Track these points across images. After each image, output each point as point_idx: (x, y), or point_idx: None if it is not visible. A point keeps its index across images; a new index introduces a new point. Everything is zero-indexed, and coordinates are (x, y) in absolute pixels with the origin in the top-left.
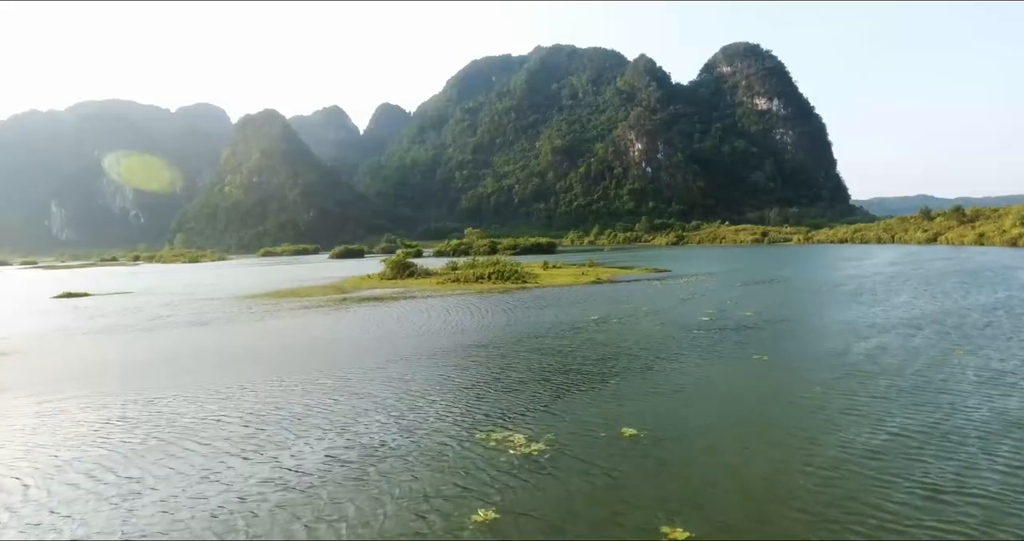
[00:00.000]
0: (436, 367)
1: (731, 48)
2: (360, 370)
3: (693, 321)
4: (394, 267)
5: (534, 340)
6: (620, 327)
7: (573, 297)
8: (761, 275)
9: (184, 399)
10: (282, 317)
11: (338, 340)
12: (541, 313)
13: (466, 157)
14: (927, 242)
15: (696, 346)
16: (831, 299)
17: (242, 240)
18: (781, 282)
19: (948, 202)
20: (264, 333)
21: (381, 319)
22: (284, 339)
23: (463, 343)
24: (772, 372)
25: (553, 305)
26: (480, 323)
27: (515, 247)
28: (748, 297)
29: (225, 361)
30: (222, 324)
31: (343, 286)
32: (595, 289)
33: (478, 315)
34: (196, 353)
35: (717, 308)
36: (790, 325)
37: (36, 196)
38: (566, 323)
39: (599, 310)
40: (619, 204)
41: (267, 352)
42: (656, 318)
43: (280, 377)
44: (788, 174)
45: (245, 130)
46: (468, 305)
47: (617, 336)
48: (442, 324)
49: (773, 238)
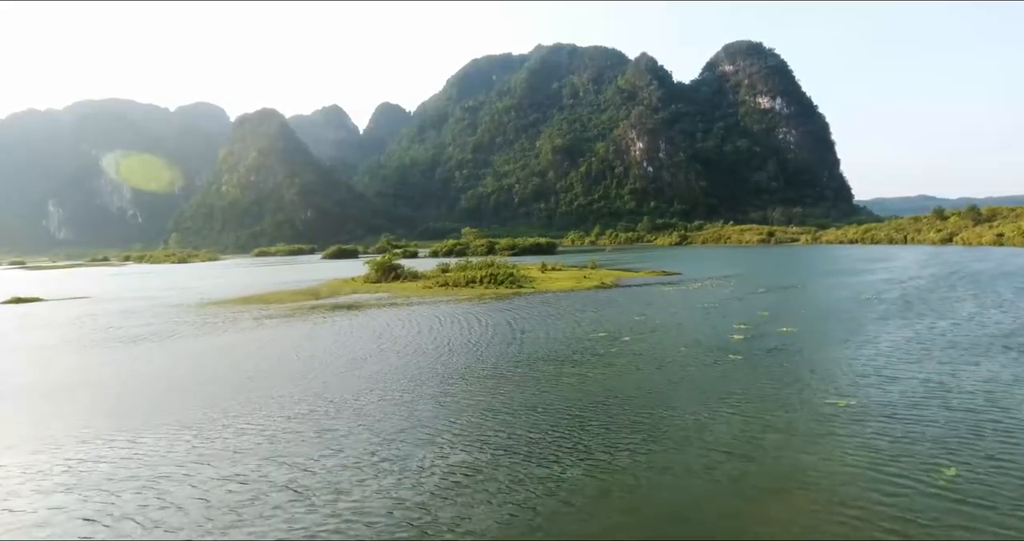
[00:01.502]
0: (366, 429)
1: (733, 46)
2: (234, 423)
3: (725, 341)
4: (379, 270)
5: (518, 375)
6: (635, 350)
7: (575, 305)
8: (781, 279)
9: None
10: (232, 330)
11: (259, 369)
12: (535, 328)
13: (466, 156)
14: (942, 242)
15: (741, 383)
16: (882, 310)
17: (239, 240)
18: (809, 288)
19: (950, 202)
20: (192, 354)
21: (338, 334)
22: (202, 364)
23: (417, 377)
24: (882, 438)
25: (551, 316)
26: (455, 342)
27: (513, 247)
28: (780, 307)
29: (107, 397)
30: (161, 340)
31: (319, 291)
32: (599, 295)
33: (456, 330)
34: (89, 382)
35: (749, 322)
36: (853, 349)
37: (34, 196)
38: (565, 344)
39: (606, 323)
40: (620, 204)
41: (167, 382)
42: (678, 335)
43: (114, 431)
44: (791, 174)
45: (243, 129)
46: (450, 316)
47: (633, 367)
48: (405, 344)
49: (779, 238)
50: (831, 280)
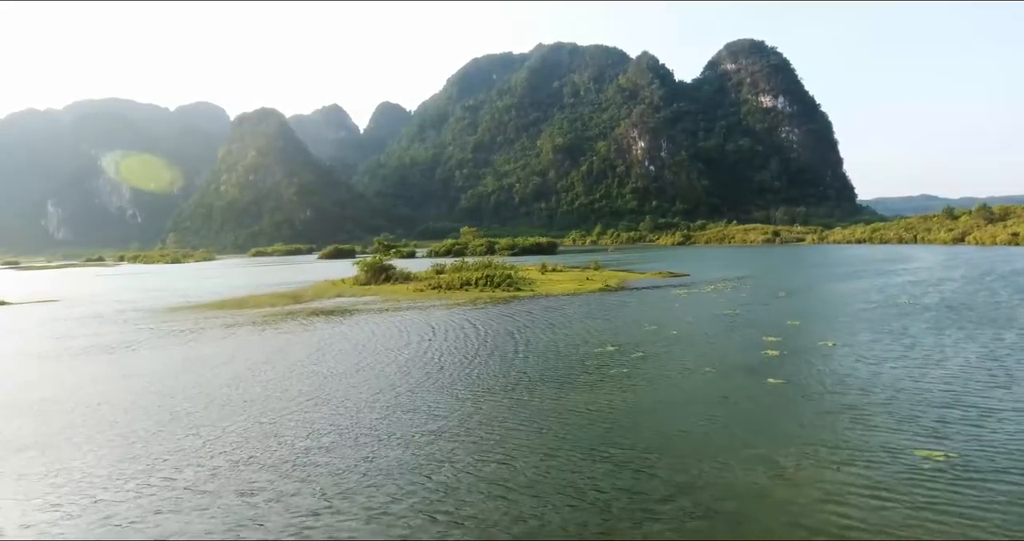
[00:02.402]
0: (301, 497)
1: (735, 45)
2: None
3: (758, 359)
4: (368, 271)
5: (513, 410)
6: (652, 372)
7: (578, 311)
8: (799, 281)
9: None
10: (193, 341)
11: (196, 399)
12: (534, 340)
13: (466, 156)
14: (953, 242)
15: (795, 423)
16: (929, 318)
17: (237, 240)
18: (833, 291)
19: (951, 202)
20: (128, 373)
21: (308, 347)
22: (132, 388)
23: (388, 414)
24: (1013, 510)
25: (552, 324)
26: (439, 359)
27: (513, 247)
28: (809, 314)
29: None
30: (106, 352)
31: (303, 294)
32: (604, 300)
33: (443, 344)
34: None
35: (779, 333)
36: (917, 370)
37: (33, 196)
38: (568, 361)
39: (614, 333)
40: (621, 203)
41: (69, 416)
42: (701, 351)
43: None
44: (794, 173)
45: (241, 128)
46: (438, 324)
47: (653, 398)
48: (380, 362)
49: (785, 238)
50: (854, 282)
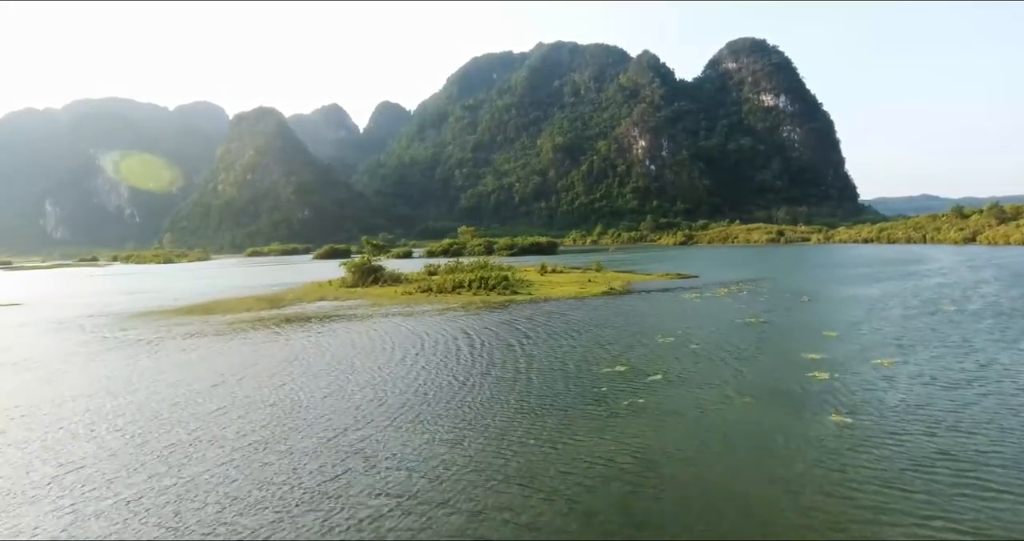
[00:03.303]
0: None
1: (737, 44)
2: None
3: (804, 385)
4: (356, 272)
5: (493, 458)
6: (676, 404)
7: (580, 318)
8: (817, 283)
9: None
10: (144, 354)
11: (109, 439)
12: (528, 355)
13: (466, 155)
14: (964, 242)
15: (884, 484)
16: (987, 327)
17: (235, 239)
18: (862, 295)
19: (952, 202)
20: (40, 400)
21: (271, 364)
22: (33, 422)
23: (352, 466)
24: None
25: (549, 335)
26: (409, 383)
27: (512, 247)
28: (845, 323)
29: None
30: (34, 368)
31: (283, 297)
32: (610, 305)
33: (421, 361)
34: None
35: (818, 347)
36: (1012, 399)
37: (32, 195)
38: (570, 385)
39: (623, 347)
40: (622, 203)
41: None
42: (730, 371)
43: None
44: (795, 172)
45: (240, 127)
46: (421, 334)
47: (683, 442)
48: (342, 382)
49: (789, 238)
50: (880, 285)
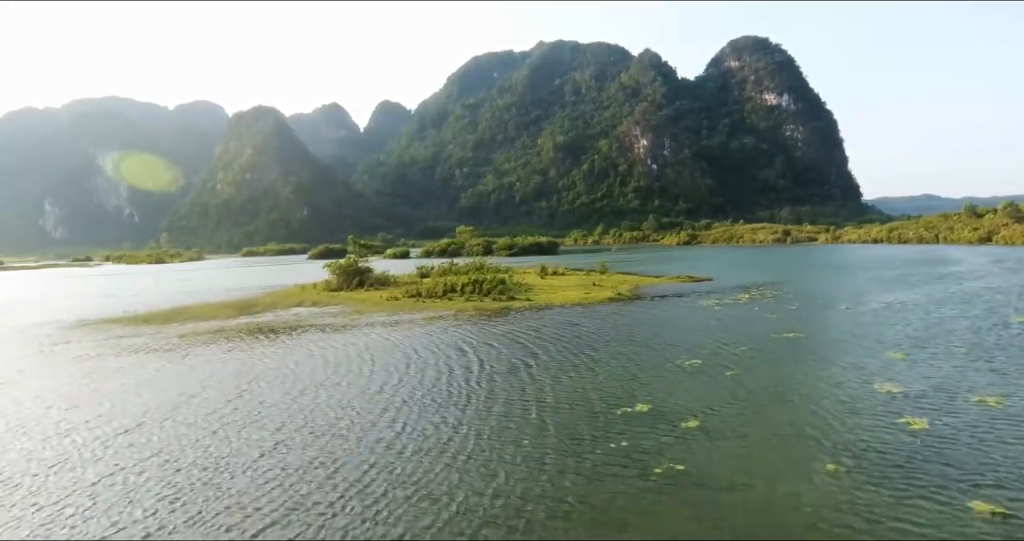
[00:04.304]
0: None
1: (739, 42)
2: None
3: (901, 436)
4: (341, 275)
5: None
6: (726, 468)
7: (586, 332)
8: (848, 288)
9: None
10: (64, 376)
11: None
12: (518, 387)
13: (466, 154)
14: (979, 241)
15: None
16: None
17: (233, 239)
18: (906, 302)
19: (954, 201)
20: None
21: (196, 398)
22: None
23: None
24: None
25: (550, 356)
26: (365, 434)
27: (512, 247)
28: (908, 340)
29: None
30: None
31: (257, 303)
32: (619, 313)
33: (390, 393)
34: None
35: (892, 375)
36: None
37: (31, 194)
38: (569, 439)
39: (641, 375)
40: (623, 202)
41: None
42: (790, 415)
43: None
44: (798, 171)
45: (238, 126)
46: (401, 352)
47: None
48: (290, 429)
49: (796, 237)
50: (919, 289)
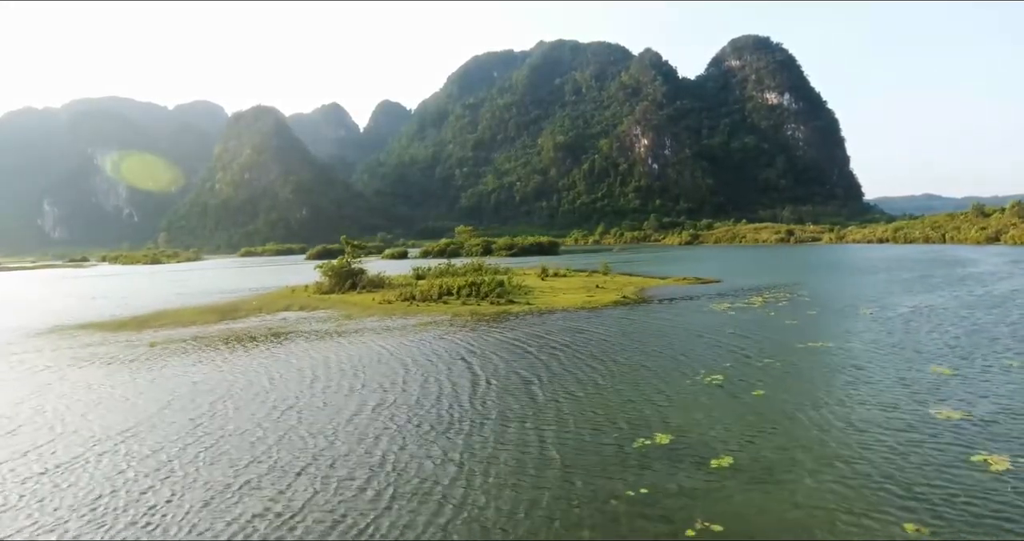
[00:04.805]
0: None
1: (740, 41)
2: None
3: (983, 483)
4: (333, 276)
5: None
6: (773, 528)
7: (590, 340)
8: (866, 290)
9: None
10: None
11: None
12: (521, 408)
13: (466, 154)
14: (987, 241)
15: None
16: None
17: (231, 239)
18: (935, 307)
19: (955, 201)
20: None
21: (143, 427)
22: None
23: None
24: None
25: (552, 372)
26: (338, 479)
27: (512, 247)
28: (951, 348)
29: None
30: None
31: (242, 306)
32: (626, 319)
33: (369, 416)
34: None
35: (945, 395)
36: None
37: (30, 194)
38: (579, 485)
39: (657, 396)
40: (624, 202)
41: None
42: (835, 449)
43: None
44: (800, 171)
45: (238, 126)
46: (390, 366)
47: None
48: (249, 471)
49: (800, 237)
50: (942, 292)
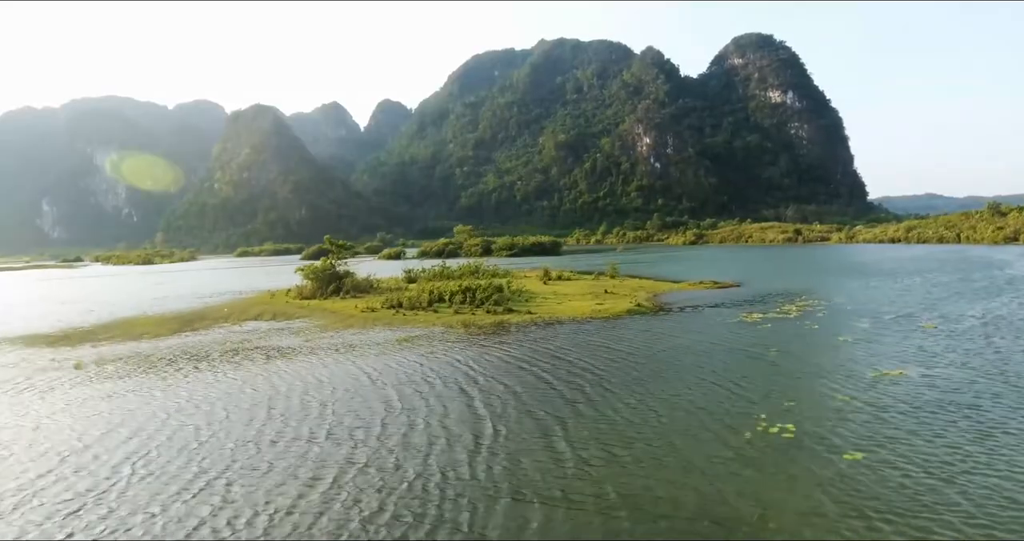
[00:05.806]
0: None
1: (743, 39)
2: None
3: None
4: (316, 280)
5: None
6: None
7: (612, 361)
8: (907, 296)
9: None
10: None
11: None
12: (516, 475)
13: (467, 153)
14: (1005, 241)
15: None
16: None
17: (230, 239)
18: (995, 314)
19: (956, 201)
20: None
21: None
22: None
23: None
24: None
25: (578, 413)
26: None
27: (512, 247)
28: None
29: None
30: None
31: (211, 314)
32: (646, 331)
33: (309, 479)
34: None
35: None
36: None
37: (29, 194)
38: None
39: (694, 453)
40: (626, 201)
41: None
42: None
43: None
44: (803, 170)
45: (236, 125)
46: (349, 399)
47: None
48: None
49: (808, 237)
50: (999, 299)
